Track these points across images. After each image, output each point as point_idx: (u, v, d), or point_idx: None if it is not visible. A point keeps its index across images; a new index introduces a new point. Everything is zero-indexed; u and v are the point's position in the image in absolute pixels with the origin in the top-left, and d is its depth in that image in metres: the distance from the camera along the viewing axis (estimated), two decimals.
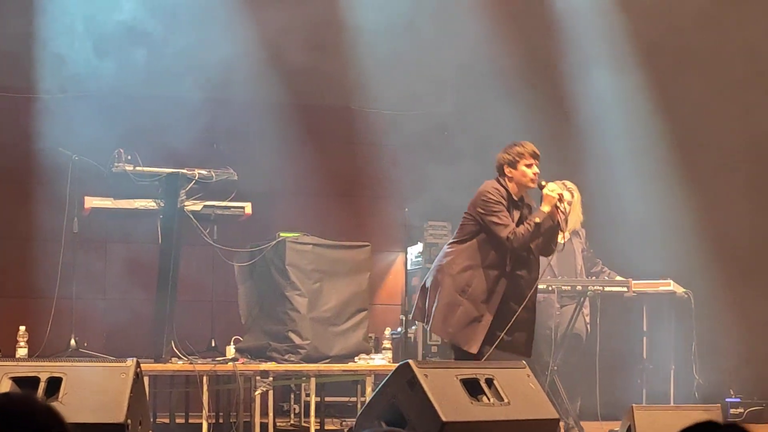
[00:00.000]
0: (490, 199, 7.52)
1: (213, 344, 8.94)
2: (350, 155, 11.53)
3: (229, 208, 8.63)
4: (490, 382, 6.34)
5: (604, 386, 9.46)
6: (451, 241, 7.79)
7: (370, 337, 9.25)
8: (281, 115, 11.13)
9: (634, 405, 7.15)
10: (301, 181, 11.22)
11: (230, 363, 8.32)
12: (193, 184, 8.49)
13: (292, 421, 9.84)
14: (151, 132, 9.28)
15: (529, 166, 7.59)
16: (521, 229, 7.44)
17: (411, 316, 8.03)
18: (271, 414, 8.33)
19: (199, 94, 9.97)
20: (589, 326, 9.51)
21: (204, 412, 8.23)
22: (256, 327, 8.82)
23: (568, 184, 9.44)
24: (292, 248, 8.59)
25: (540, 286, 8.69)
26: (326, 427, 9.27)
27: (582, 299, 9.28)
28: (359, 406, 8.99)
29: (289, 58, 10.42)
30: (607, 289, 9.24)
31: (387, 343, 8.99)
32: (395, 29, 10.45)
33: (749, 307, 11.13)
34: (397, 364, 6.43)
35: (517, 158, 7.60)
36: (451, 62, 11.00)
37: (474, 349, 7.43)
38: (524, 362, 6.87)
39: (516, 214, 7.58)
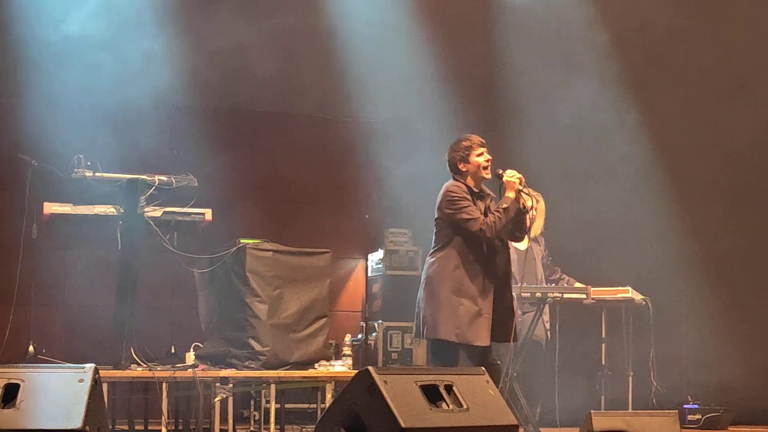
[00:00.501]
0: (455, 196, 7.59)
1: (173, 351, 8.91)
2: (311, 162, 11.54)
3: (189, 214, 8.59)
4: (449, 388, 6.34)
5: (564, 392, 9.51)
6: (431, 251, 7.83)
7: (331, 343, 9.25)
8: (242, 122, 11.13)
9: (592, 411, 7.18)
10: (262, 188, 11.21)
11: (190, 369, 8.30)
12: (153, 190, 8.44)
13: (251, 428, 9.82)
14: (111, 138, 9.24)
15: (479, 155, 7.72)
16: (490, 218, 7.55)
17: (413, 335, 8.03)
18: (230, 421, 8.31)
19: (160, 101, 9.94)
20: (548, 333, 9.56)
21: (163, 418, 8.19)
22: (216, 333, 8.80)
23: (533, 192, 9.48)
24: (252, 255, 8.58)
25: None
26: None
27: (542, 306, 9.32)
28: (319, 412, 8.98)
29: (253, 66, 10.42)
30: (566, 296, 9.28)
31: (347, 350, 8.99)
32: (356, 38, 10.47)
33: (707, 315, 11.22)
34: (357, 371, 6.43)
35: (467, 151, 7.73)
36: (412, 70, 11.02)
37: (486, 342, 7.56)
38: (484, 369, 6.89)
39: (481, 206, 7.66)
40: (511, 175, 7.65)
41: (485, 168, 7.71)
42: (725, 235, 11.42)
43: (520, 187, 7.63)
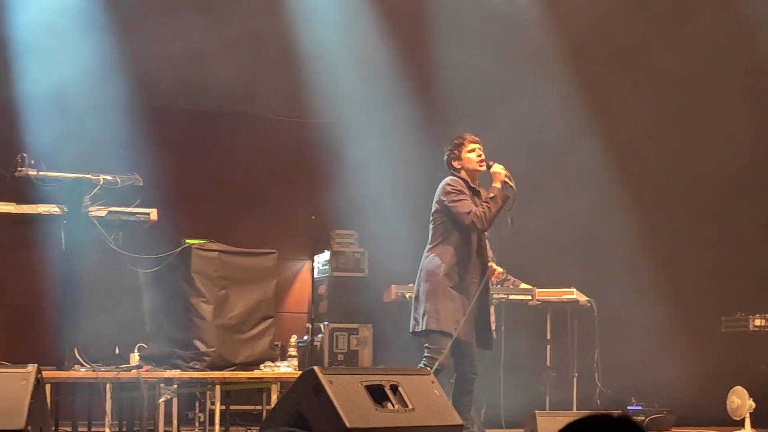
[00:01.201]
0: (451, 189, 7.75)
1: (117, 351, 8.83)
2: (258, 163, 11.51)
3: (134, 214, 8.53)
4: (394, 388, 6.35)
5: (508, 393, 9.55)
6: (429, 245, 7.89)
7: (276, 344, 9.22)
8: (188, 122, 11.08)
9: (537, 411, 7.23)
10: (208, 188, 11.16)
11: (134, 370, 8.24)
12: (98, 189, 8.37)
13: (196, 430, 9.76)
14: (55, 137, 9.16)
15: (471, 151, 7.85)
16: (479, 210, 7.66)
17: (411, 330, 8.02)
18: (175, 422, 8.26)
19: (106, 100, 9.88)
20: (494, 334, 9.56)
21: (107, 420, 8.13)
22: (161, 334, 8.74)
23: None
24: (197, 255, 8.54)
25: None
26: None
27: None
28: (264, 413, 8.95)
29: (201, 67, 10.39)
30: (512, 297, 9.32)
31: (293, 351, 8.97)
32: (307, 40, 10.47)
33: (651, 317, 11.31)
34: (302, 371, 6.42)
35: (458, 149, 7.88)
36: (356, 71, 11.02)
37: (471, 339, 7.69)
38: (429, 369, 6.91)
39: (477, 201, 7.77)
40: (499, 168, 7.79)
41: (479, 162, 7.83)
42: (670, 240, 11.52)
43: (506, 179, 7.75)
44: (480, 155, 7.85)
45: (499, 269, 8.15)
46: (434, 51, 11.24)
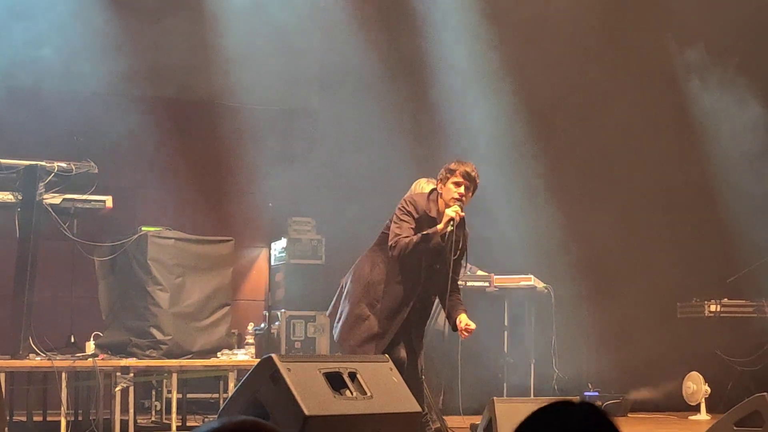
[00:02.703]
0: (403, 207, 7.41)
1: (72, 340, 8.78)
2: (214, 150, 11.44)
3: (89, 201, 8.47)
4: (353, 375, 6.33)
5: (466, 380, 9.54)
6: (372, 245, 7.67)
7: (233, 332, 9.19)
8: (144, 109, 10.99)
9: (495, 398, 7.23)
10: (164, 175, 11.09)
11: (90, 359, 8.19)
12: (53, 176, 8.31)
13: (153, 418, 9.72)
14: (9, 124, 9.08)
15: (456, 184, 7.39)
16: (405, 239, 7.30)
17: (327, 313, 7.90)
18: (131, 411, 8.22)
19: (60, 86, 9.79)
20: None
21: (62, 409, 8.09)
22: (117, 322, 8.70)
23: (434, 181, 9.50)
24: (154, 243, 8.50)
25: None
26: (188, 424, 9.17)
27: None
28: (222, 402, 8.92)
29: (155, 53, 10.32)
30: (469, 283, 9.33)
31: (250, 339, 8.95)
32: (262, 24, 10.42)
33: (607, 304, 11.36)
34: (260, 359, 6.40)
35: (448, 174, 7.42)
36: (317, 59, 11.00)
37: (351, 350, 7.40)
38: (387, 356, 6.90)
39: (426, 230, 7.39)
40: (453, 210, 7.33)
41: (455, 199, 7.36)
42: (626, 227, 11.57)
43: (450, 225, 7.28)
44: (461, 193, 7.34)
45: (468, 323, 7.47)
46: (400, 37, 11.24)
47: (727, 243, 11.69)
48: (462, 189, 7.37)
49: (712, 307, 11.43)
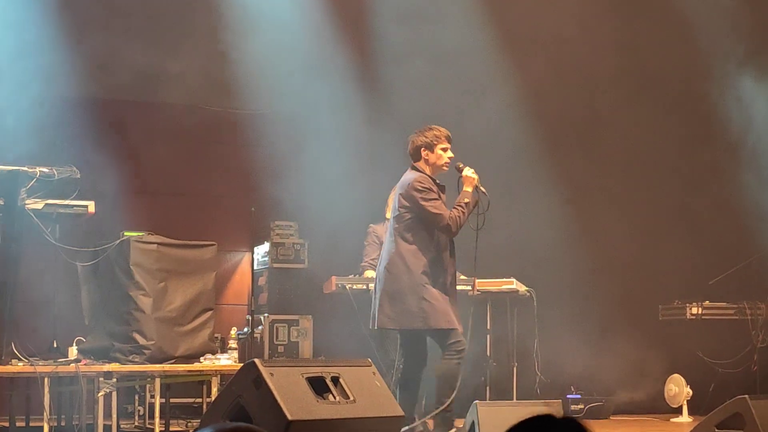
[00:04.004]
0: (422, 187, 7.73)
1: (55, 345, 8.76)
2: (197, 154, 11.44)
3: (71, 206, 8.45)
4: (336, 380, 6.35)
5: None
6: (397, 240, 7.85)
7: (216, 337, 9.18)
8: (125, 114, 10.99)
9: (477, 401, 7.26)
10: (147, 180, 11.09)
11: (72, 364, 8.17)
12: (35, 182, 8.29)
13: (136, 423, 9.71)
14: None
15: (444, 150, 7.85)
16: (454, 213, 7.72)
17: (376, 324, 8.02)
18: (114, 416, 8.21)
19: (41, 91, 9.77)
20: None
21: (45, 414, 8.06)
22: (100, 328, 8.68)
23: None
24: (136, 247, 8.49)
25: None
26: (171, 429, 9.16)
27: None
28: (205, 406, 8.92)
29: (134, 57, 10.30)
30: None
31: (233, 343, 8.94)
32: (240, 27, 10.42)
33: (589, 307, 11.39)
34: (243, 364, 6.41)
35: (434, 141, 7.85)
36: (296, 62, 10.99)
37: (456, 324, 7.73)
38: (370, 360, 6.92)
39: (443, 197, 7.85)
40: (472, 171, 7.83)
41: (446, 164, 7.85)
42: (608, 229, 11.61)
43: (478, 184, 7.82)
44: (451, 156, 7.87)
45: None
46: (374, 41, 11.24)
47: (709, 246, 11.73)
48: (450, 152, 7.88)
49: (694, 310, 11.47)
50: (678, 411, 10.97)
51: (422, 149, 7.84)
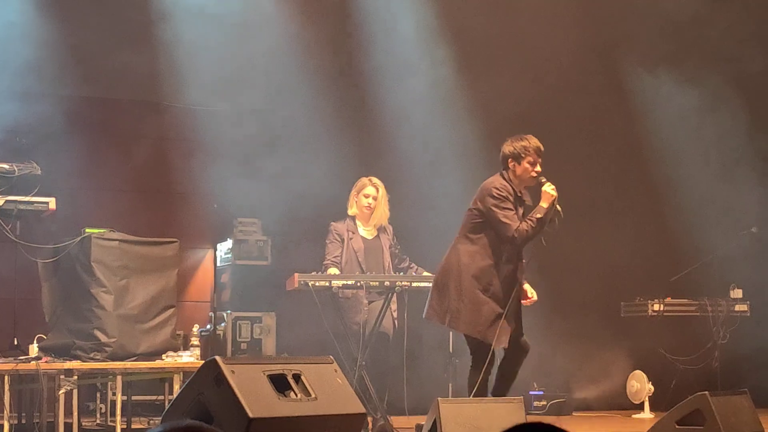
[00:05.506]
0: (499, 195, 7.71)
1: (15, 343, 8.72)
2: (158, 150, 11.39)
3: (32, 203, 8.42)
4: (297, 377, 6.34)
5: (411, 380, 9.57)
6: (462, 240, 7.90)
7: (178, 334, 9.16)
8: (87, 110, 10.93)
9: (439, 398, 7.26)
10: (107, 177, 11.03)
11: (33, 362, 8.13)
12: None
13: (98, 421, 9.67)
14: None
15: (532, 163, 7.77)
16: (524, 225, 7.69)
17: (424, 315, 8.09)
18: (75, 413, 8.18)
19: (2, 88, 9.72)
20: (396, 322, 9.58)
21: (5, 412, 8.03)
22: (61, 325, 8.64)
23: (374, 180, 9.54)
24: (97, 244, 8.45)
25: (348, 282, 8.80)
26: (133, 426, 9.14)
27: (390, 295, 9.34)
28: (167, 404, 8.88)
29: (96, 53, 10.26)
30: (414, 284, 9.32)
31: (195, 341, 8.92)
32: (203, 24, 10.39)
33: (551, 302, 11.43)
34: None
35: (522, 153, 7.79)
36: (259, 59, 10.96)
37: (504, 344, 7.77)
38: (332, 357, 6.91)
39: (520, 211, 7.82)
40: (551, 188, 7.77)
41: (533, 177, 7.80)
42: (569, 225, 11.63)
43: (555, 202, 7.77)
44: (538, 172, 7.81)
45: (533, 293, 8.17)
46: (345, 38, 11.25)
47: (670, 243, 11.81)
48: (538, 166, 7.80)
49: (656, 306, 11.54)
50: (640, 407, 11.04)
51: (509, 159, 7.82)
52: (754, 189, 11.81)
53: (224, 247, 10.97)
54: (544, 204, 7.77)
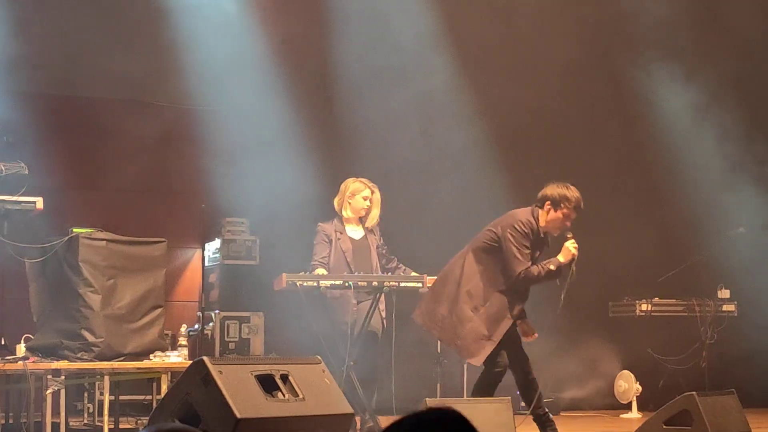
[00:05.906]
0: (521, 230, 7.76)
1: (2, 342, 8.70)
2: (146, 150, 11.37)
3: (19, 203, 8.39)
4: (285, 377, 6.34)
5: (400, 381, 9.57)
6: (471, 251, 7.98)
7: (166, 334, 9.15)
8: (75, 109, 10.91)
9: (427, 399, 7.27)
10: (95, 176, 11.01)
11: (20, 362, 8.11)
12: None
13: (85, 421, 9.66)
14: None
15: (566, 216, 7.83)
16: (534, 270, 7.76)
17: (413, 315, 8.23)
18: (63, 413, 8.15)
19: None
20: (384, 322, 9.57)
21: None
22: (48, 325, 8.61)
23: (369, 183, 9.52)
24: (85, 244, 8.43)
25: (336, 282, 8.78)
26: (121, 426, 9.12)
27: (378, 295, 9.32)
28: (154, 404, 8.87)
29: (84, 54, 10.24)
30: (402, 284, 9.30)
31: (183, 340, 8.90)
32: (193, 21, 10.39)
33: (538, 303, 11.43)
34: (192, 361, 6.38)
35: (562, 203, 7.82)
36: (248, 59, 10.96)
37: (478, 362, 7.87)
38: (320, 358, 6.91)
39: (536, 252, 7.87)
40: (574, 246, 7.82)
41: (559, 228, 7.87)
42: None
43: (572, 260, 7.83)
44: (568, 225, 7.86)
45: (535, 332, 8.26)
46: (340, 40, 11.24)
47: (658, 243, 11.82)
48: (572, 219, 7.87)
49: (644, 307, 11.56)
50: (628, 407, 11.06)
51: (548, 202, 7.87)
52: (742, 190, 11.83)
53: (212, 247, 10.95)
54: (561, 258, 7.85)
